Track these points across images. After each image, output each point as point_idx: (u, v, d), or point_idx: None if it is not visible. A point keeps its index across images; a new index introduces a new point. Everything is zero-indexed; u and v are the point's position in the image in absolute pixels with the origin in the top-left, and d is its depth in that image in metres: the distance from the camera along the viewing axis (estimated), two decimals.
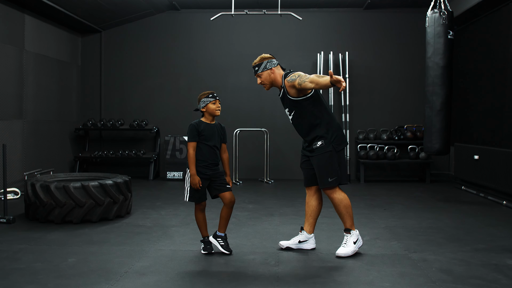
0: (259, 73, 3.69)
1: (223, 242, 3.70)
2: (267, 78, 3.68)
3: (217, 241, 3.72)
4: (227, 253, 3.67)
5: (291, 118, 3.72)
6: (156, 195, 6.54)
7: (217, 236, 3.73)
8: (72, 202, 4.61)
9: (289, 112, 3.71)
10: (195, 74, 8.57)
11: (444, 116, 5.78)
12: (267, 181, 7.96)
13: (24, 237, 4.16)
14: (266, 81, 3.70)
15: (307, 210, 3.84)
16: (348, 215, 3.64)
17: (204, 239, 3.74)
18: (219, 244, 3.70)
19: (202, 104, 3.69)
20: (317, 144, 3.61)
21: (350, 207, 3.65)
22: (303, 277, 3.19)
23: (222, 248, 3.68)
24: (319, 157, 3.61)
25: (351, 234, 3.66)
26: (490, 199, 6.13)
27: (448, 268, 3.36)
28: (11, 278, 3.11)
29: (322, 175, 3.61)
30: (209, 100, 3.66)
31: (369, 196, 6.55)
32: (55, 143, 7.81)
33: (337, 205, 3.63)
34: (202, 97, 3.70)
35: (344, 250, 3.62)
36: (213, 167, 3.69)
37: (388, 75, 8.48)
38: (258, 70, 3.69)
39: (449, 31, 5.70)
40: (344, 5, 8.29)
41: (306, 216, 3.85)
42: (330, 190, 3.61)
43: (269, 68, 3.68)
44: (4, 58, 6.41)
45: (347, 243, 3.65)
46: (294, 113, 3.67)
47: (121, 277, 3.13)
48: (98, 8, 7.53)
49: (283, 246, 3.84)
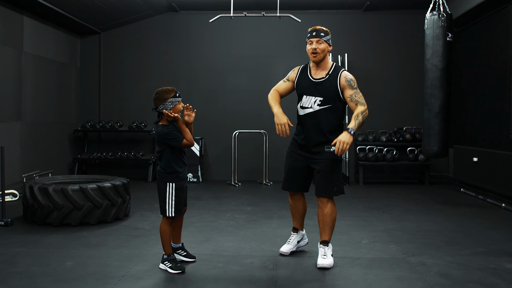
0: (323, 39, 3.42)
1: (185, 251, 3.57)
2: (324, 50, 3.44)
3: (179, 253, 3.55)
4: (192, 260, 3.54)
5: (319, 108, 3.41)
6: (154, 197, 6.49)
7: (177, 248, 3.54)
8: (70, 204, 4.60)
9: (320, 102, 3.41)
10: (194, 75, 8.56)
11: (442, 118, 5.77)
12: (266, 183, 7.95)
13: (22, 240, 4.15)
14: (321, 51, 3.43)
15: (296, 213, 3.75)
16: (332, 227, 3.51)
17: (169, 257, 3.35)
18: (182, 257, 3.55)
19: (169, 105, 3.25)
20: (331, 149, 3.37)
21: (335, 220, 3.53)
22: (301, 281, 3.18)
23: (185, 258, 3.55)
24: (330, 163, 3.43)
25: (329, 247, 3.52)
26: (489, 201, 6.12)
27: (446, 272, 3.35)
28: (9, 282, 3.10)
29: (330, 182, 3.43)
30: (177, 100, 3.26)
31: (367, 198, 6.55)
32: (53, 144, 7.80)
33: (329, 215, 3.46)
34: (168, 96, 3.24)
35: (328, 261, 3.40)
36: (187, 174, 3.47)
37: (387, 77, 8.48)
38: (323, 36, 3.43)
39: (448, 33, 5.70)
40: (343, 7, 8.29)
41: (296, 217, 3.77)
42: (327, 198, 3.46)
43: (329, 44, 3.48)
44: (3, 59, 6.40)
45: (327, 254, 3.46)
46: (326, 106, 3.41)
47: (118, 281, 3.13)
48: (97, 9, 7.52)
49: (287, 253, 3.72)
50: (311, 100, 3.46)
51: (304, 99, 3.50)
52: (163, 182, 3.34)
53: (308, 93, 3.48)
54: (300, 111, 3.55)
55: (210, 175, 8.54)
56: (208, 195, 6.77)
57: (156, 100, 3.27)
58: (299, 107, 3.56)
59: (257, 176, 8.31)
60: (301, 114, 3.53)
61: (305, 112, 3.49)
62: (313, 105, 3.46)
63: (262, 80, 8.39)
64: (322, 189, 3.46)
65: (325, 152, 3.45)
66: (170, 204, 3.31)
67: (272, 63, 8.40)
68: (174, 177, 3.33)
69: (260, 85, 8.39)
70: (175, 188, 3.32)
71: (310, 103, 3.47)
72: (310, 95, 3.47)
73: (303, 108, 3.52)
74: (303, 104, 3.52)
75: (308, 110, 3.48)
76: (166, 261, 3.35)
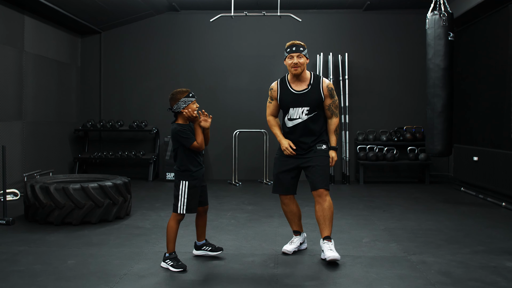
0: (302, 53, 3.58)
1: (210, 247, 3.68)
2: (303, 63, 3.59)
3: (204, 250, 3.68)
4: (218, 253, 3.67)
5: (307, 117, 3.61)
6: (155, 196, 6.54)
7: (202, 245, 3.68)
8: (72, 203, 4.61)
9: (307, 111, 3.60)
10: (194, 75, 8.57)
11: (445, 117, 5.78)
12: (266, 182, 7.96)
13: (23, 239, 4.16)
14: (301, 65, 3.58)
15: (291, 216, 3.81)
16: (332, 221, 3.60)
17: (171, 255, 3.39)
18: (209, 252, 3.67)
19: (182, 104, 3.35)
20: (322, 147, 3.64)
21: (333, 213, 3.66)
22: (302, 279, 3.19)
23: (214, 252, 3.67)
24: (324, 159, 3.62)
25: (332, 242, 3.58)
26: (489, 200, 6.13)
27: (447, 270, 3.36)
28: (11, 280, 3.11)
29: (326, 176, 3.60)
30: (190, 100, 3.37)
31: (368, 197, 6.56)
32: (54, 144, 7.81)
33: (328, 208, 3.56)
34: (182, 97, 3.35)
35: (337, 254, 3.48)
36: (202, 173, 3.53)
37: (388, 77, 8.49)
38: (302, 51, 3.58)
39: (449, 33, 5.71)
40: (343, 7, 8.30)
41: (293, 221, 3.83)
42: (326, 191, 3.58)
43: (307, 58, 3.65)
44: (4, 59, 6.41)
45: (332, 248, 3.53)
46: (313, 113, 3.61)
47: (120, 279, 3.14)
48: (97, 9, 7.53)
49: (290, 252, 3.75)
50: (299, 111, 3.63)
51: (292, 111, 3.65)
52: (177, 179, 3.43)
53: (294, 105, 3.64)
54: (289, 123, 3.70)
55: (210, 174, 8.55)
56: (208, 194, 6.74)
57: (170, 101, 3.39)
58: (286, 120, 3.71)
59: (258, 176, 8.32)
60: (290, 126, 3.69)
61: (294, 123, 3.66)
62: (301, 115, 3.63)
63: (262, 79, 8.40)
64: (320, 181, 3.57)
65: (317, 150, 3.64)
66: (182, 202, 3.38)
67: (272, 63, 8.40)
68: (187, 176, 3.40)
69: (261, 84, 8.40)
70: (187, 187, 3.38)
71: (298, 114, 3.64)
72: (297, 106, 3.63)
73: (291, 120, 3.67)
74: (290, 116, 3.67)
75: (297, 121, 3.64)
76: (168, 259, 3.37)
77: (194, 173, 3.41)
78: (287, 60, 3.61)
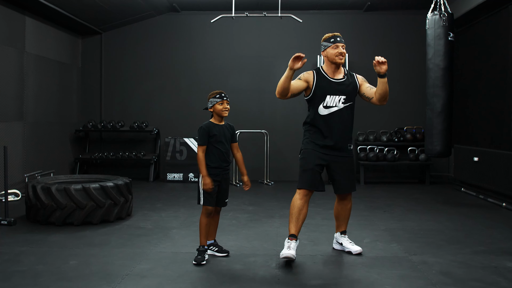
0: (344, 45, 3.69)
1: (218, 248, 3.75)
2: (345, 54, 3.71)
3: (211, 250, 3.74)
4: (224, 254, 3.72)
5: (344, 106, 3.63)
6: (156, 197, 6.55)
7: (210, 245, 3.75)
8: (73, 204, 4.62)
9: (344, 100, 3.63)
10: (195, 75, 8.58)
11: (445, 118, 5.79)
12: (267, 182, 7.97)
13: (25, 239, 4.17)
14: (345, 55, 3.69)
15: (301, 216, 3.55)
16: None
17: (200, 248, 3.55)
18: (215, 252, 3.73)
19: (209, 104, 3.67)
20: (351, 147, 3.75)
21: None
22: (304, 279, 3.20)
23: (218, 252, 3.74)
24: (351, 161, 3.76)
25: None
26: (490, 201, 6.14)
27: (448, 270, 3.37)
28: (13, 281, 3.12)
29: (353, 179, 3.78)
30: (216, 100, 3.63)
31: (369, 198, 6.57)
32: (55, 144, 7.82)
33: (350, 208, 3.85)
34: (210, 97, 3.66)
35: (358, 247, 3.79)
36: (223, 173, 3.60)
37: (388, 77, 8.40)
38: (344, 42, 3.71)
39: (449, 33, 5.72)
40: (344, 7, 8.31)
41: (299, 222, 3.56)
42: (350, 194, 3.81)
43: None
44: (5, 59, 6.42)
45: (351, 242, 3.86)
46: (349, 104, 3.68)
47: (122, 280, 3.15)
48: (98, 10, 7.54)
49: (294, 256, 3.44)
50: (336, 99, 3.64)
51: (328, 99, 3.64)
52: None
53: (332, 93, 3.64)
54: (323, 111, 3.64)
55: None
56: None
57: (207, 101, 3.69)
58: (321, 107, 3.64)
59: (258, 176, 8.32)
60: (324, 114, 3.64)
61: (330, 111, 3.63)
62: (338, 103, 3.64)
63: (263, 80, 8.41)
64: (350, 187, 3.75)
65: (347, 150, 3.71)
66: (199, 193, 3.56)
67: (273, 63, 8.41)
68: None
69: (261, 85, 8.42)
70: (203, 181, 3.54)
71: (334, 102, 3.64)
72: (334, 94, 3.64)
73: (327, 107, 3.64)
74: (327, 104, 3.64)
75: (333, 108, 3.64)
76: (197, 250, 3.56)
77: (210, 169, 3.54)
78: (331, 50, 3.62)
